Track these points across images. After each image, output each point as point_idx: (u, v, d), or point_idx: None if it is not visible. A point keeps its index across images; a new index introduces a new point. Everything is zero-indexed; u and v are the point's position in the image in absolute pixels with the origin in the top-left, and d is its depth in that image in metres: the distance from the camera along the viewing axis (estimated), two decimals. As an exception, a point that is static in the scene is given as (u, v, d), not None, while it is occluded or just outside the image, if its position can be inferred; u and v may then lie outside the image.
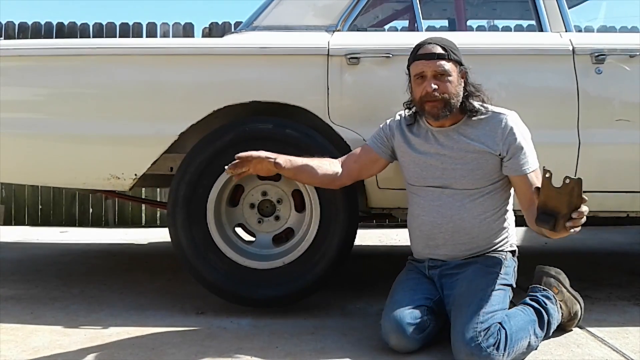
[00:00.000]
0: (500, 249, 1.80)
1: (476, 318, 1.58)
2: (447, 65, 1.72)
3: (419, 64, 1.74)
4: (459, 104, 1.74)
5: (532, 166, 1.73)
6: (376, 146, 1.90)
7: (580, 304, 1.88)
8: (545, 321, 1.71)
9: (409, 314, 1.67)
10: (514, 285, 1.79)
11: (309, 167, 1.84)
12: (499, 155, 1.73)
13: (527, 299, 1.78)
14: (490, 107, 1.77)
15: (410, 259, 1.94)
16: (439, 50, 1.72)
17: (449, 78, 1.72)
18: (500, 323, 1.58)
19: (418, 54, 1.75)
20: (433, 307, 1.73)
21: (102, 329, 1.90)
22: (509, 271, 1.77)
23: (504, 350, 1.55)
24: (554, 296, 1.79)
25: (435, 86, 1.71)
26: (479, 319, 1.57)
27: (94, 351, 1.69)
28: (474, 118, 1.76)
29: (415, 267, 1.88)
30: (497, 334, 1.55)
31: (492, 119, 1.75)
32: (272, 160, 1.78)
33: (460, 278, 1.74)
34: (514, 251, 1.84)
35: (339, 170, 1.88)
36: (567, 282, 1.87)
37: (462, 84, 1.76)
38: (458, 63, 1.74)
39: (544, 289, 1.81)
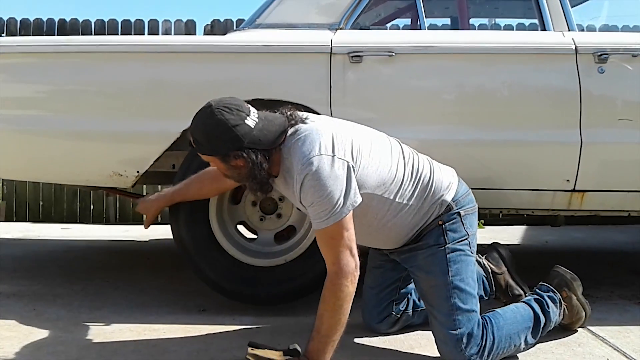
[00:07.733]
0: (430, 223, 1.62)
1: (451, 324, 1.56)
2: (208, 159, 1.51)
3: None
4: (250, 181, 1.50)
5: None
6: None
7: (586, 312, 1.84)
8: (541, 327, 1.69)
9: (376, 316, 1.79)
10: (471, 242, 1.63)
11: None
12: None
13: (532, 298, 1.74)
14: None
15: None
16: (192, 140, 1.49)
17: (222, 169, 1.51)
18: (485, 326, 1.58)
19: None
20: (402, 288, 1.79)
21: (105, 325, 1.91)
22: (455, 233, 1.59)
23: (488, 356, 1.56)
24: (560, 299, 1.76)
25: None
26: (455, 324, 1.55)
27: (96, 348, 1.70)
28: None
29: (375, 252, 1.82)
30: (482, 340, 1.55)
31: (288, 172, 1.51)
32: None
33: (414, 270, 1.65)
34: (449, 205, 1.61)
35: None
36: (579, 290, 1.82)
37: (240, 168, 1.47)
38: (218, 154, 1.46)
39: (552, 290, 1.77)
